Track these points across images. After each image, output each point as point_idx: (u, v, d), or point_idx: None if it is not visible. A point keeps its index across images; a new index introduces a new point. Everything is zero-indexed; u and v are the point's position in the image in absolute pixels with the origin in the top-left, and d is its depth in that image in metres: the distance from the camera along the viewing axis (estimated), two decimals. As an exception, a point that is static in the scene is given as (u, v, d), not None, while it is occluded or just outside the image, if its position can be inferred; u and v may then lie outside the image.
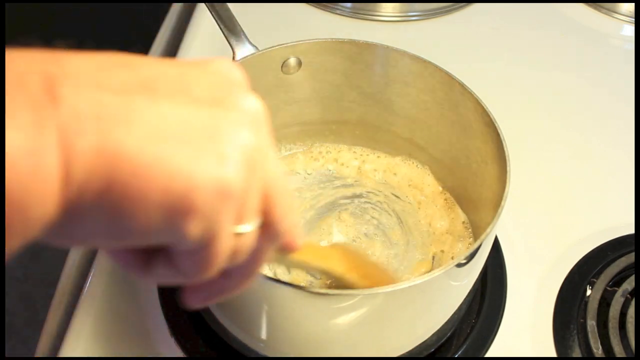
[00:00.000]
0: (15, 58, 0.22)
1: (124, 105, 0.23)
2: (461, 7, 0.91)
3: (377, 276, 0.52)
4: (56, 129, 0.22)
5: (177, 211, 0.24)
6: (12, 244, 0.22)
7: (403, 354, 0.51)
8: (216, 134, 0.26)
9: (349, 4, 0.87)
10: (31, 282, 1.51)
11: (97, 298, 0.58)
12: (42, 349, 0.62)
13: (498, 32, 0.88)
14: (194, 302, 0.32)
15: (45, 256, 1.53)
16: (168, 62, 0.27)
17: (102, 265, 0.60)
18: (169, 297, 0.57)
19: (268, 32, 0.80)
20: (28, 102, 0.21)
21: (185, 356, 0.55)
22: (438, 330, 0.52)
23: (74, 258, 0.67)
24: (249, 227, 0.28)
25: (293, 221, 0.32)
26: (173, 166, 0.24)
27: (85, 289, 0.59)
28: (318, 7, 0.88)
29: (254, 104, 0.29)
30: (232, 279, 0.31)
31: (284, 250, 0.34)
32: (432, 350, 0.54)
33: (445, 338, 0.55)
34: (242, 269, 0.31)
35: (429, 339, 0.52)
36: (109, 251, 0.29)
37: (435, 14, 0.89)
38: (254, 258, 0.30)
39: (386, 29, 0.87)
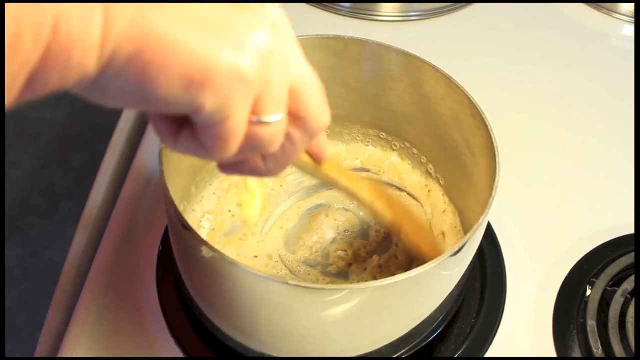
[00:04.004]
0: None
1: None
2: (461, 7, 0.91)
3: (401, 209, 0.54)
4: (103, 4, 0.27)
5: (194, 84, 0.29)
6: (53, 81, 0.27)
7: (392, 341, 0.51)
8: (238, 28, 0.30)
9: (348, 4, 0.87)
10: (31, 282, 1.51)
11: (97, 298, 0.58)
12: (42, 349, 0.62)
13: (498, 32, 0.88)
14: (225, 170, 0.38)
15: (45, 256, 1.54)
16: None
17: (102, 265, 0.60)
18: (169, 298, 0.57)
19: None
20: None
21: (184, 356, 0.55)
22: (430, 316, 0.52)
23: (74, 258, 0.67)
24: (275, 118, 0.33)
25: (325, 121, 0.37)
26: (194, 46, 0.28)
27: (85, 288, 0.59)
28: (317, 7, 0.88)
29: (276, 12, 0.33)
30: (267, 162, 0.37)
31: (313, 159, 0.41)
32: (423, 339, 0.54)
33: (436, 323, 0.54)
34: (276, 156, 0.36)
35: (419, 325, 0.51)
36: (149, 118, 0.34)
37: (435, 14, 0.89)
38: (288, 148, 0.36)
39: (386, 29, 0.87)
